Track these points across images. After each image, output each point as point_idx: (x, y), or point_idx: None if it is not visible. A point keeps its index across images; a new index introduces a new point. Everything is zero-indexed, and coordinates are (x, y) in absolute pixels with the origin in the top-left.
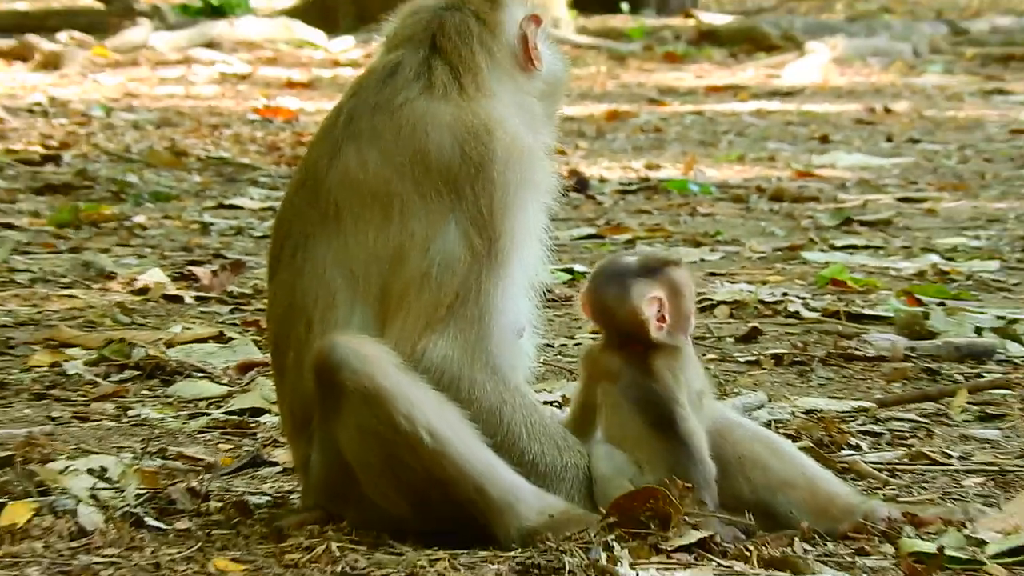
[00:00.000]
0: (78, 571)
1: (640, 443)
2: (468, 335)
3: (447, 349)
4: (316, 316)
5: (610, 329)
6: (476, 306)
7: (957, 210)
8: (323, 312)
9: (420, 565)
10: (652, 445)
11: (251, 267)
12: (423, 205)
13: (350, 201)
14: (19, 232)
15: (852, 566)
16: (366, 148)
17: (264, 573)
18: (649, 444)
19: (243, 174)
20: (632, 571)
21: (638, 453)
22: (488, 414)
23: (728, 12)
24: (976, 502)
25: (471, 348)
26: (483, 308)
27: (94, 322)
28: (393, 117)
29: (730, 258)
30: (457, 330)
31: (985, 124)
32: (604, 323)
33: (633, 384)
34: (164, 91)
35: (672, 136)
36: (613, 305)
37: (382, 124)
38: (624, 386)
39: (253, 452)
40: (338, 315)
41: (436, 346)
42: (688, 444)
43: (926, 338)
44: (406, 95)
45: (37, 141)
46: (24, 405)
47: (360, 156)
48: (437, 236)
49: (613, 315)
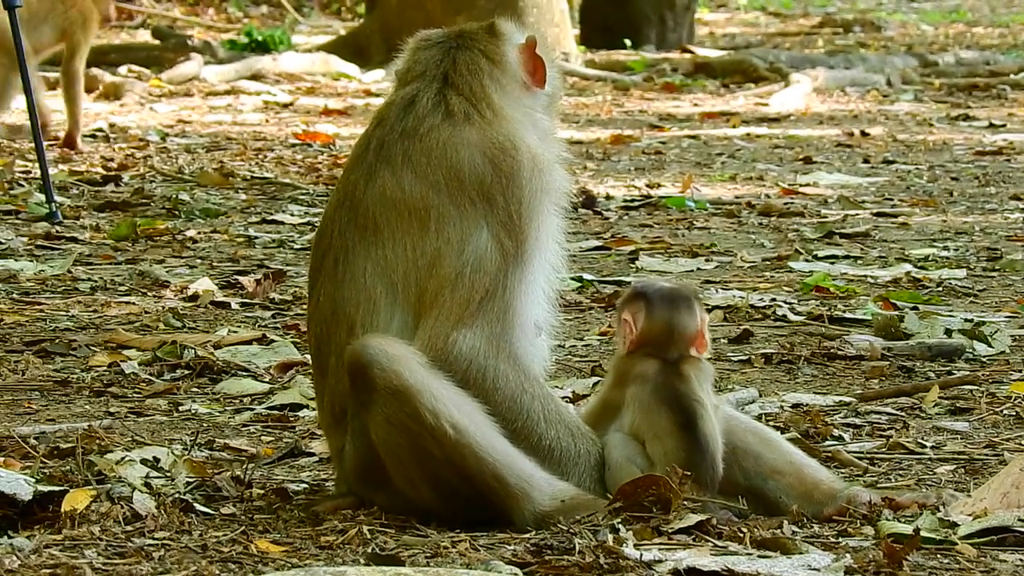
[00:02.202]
0: (132, 552)
1: (662, 438)
2: (495, 328)
3: (475, 341)
4: (358, 321)
5: (664, 346)
6: (503, 302)
7: (928, 224)
8: (364, 317)
9: (443, 546)
10: (673, 441)
11: (291, 276)
12: (458, 214)
13: (388, 217)
14: (82, 245)
15: (836, 546)
16: (400, 170)
17: (302, 554)
18: (671, 440)
19: (284, 193)
20: (636, 551)
21: (658, 447)
22: (510, 401)
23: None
24: (948, 488)
25: (496, 340)
26: (508, 304)
27: (149, 326)
28: (422, 142)
29: (724, 267)
30: (485, 323)
31: (952, 147)
32: (663, 341)
33: (665, 386)
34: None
35: (671, 158)
36: (685, 326)
37: (412, 148)
38: (656, 387)
39: (292, 443)
40: (379, 320)
41: (465, 338)
42: (704, 445)
43: (901, 339)
44: (430, 122)
45: (99, 163)
46: (85, 401)
47: (395, 177)
48: (470, 240)
49: (681, 335)
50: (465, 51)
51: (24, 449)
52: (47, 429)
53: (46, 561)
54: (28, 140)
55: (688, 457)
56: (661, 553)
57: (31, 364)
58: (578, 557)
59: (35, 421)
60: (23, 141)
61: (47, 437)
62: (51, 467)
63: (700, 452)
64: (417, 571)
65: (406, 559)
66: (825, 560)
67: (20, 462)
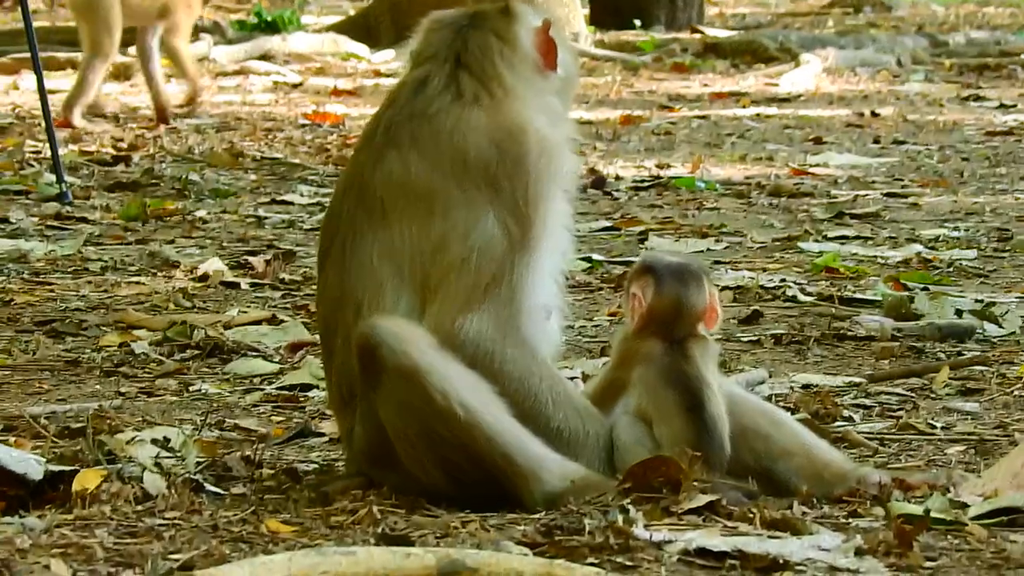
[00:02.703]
0: (143, 532)
1: (668, 420)
2: (502, 313)
3: (482, 325)
4: (365, 303)
5: (673, 322)
6: (510, 287)
7: (938, 204)
8: (371, 299)
9: (453, 526)
10: (679, 423)
11: (301, 257)
12: (463, 199)
13: (395, 200)
14: (92, 225)
15: (846, 527)
16: (407, 152)
17: (312, 534)
18: (677, 421)
19: (294, 173)
20: (646, 532)
21: (664, 428)
22: (518, 384)
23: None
24: (958, 468)
25: (504, 324)
26: (516, 288)
27: (159, 306)
28: (430, 123)
29: (733, 248)
30: (492, 308)
31: (963, 127)
32: (672, 317)
33: (671, 367)
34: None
35: (681, 138)
36: (694, 302)
37: (420, 130)
38: (662, 368)
39: (302, 424)
40: (385, 302)
41: (472, 322)
42: (711, 426)
43: (911, 320)
44: (439, 104)
45: (109, 144)
46: (95, 381)
47: (402, 160)
48: (476, 225)
49: (690, 310)
50: (477, 31)
51: (35, 429)
52: (58, 409)
53: (57, 541)
54: (106, 120)
55: (695, 439)
56: (671, 534)
57: (42, 344)
58: (588, 537)
59: (46, 401)
60: (102, 121)
61: (58, 417)
62: (62, 447)
63: (708, 434)
64: (427, 551)
65: (416, 539)
66: (835, 541)
67: (31, 442)
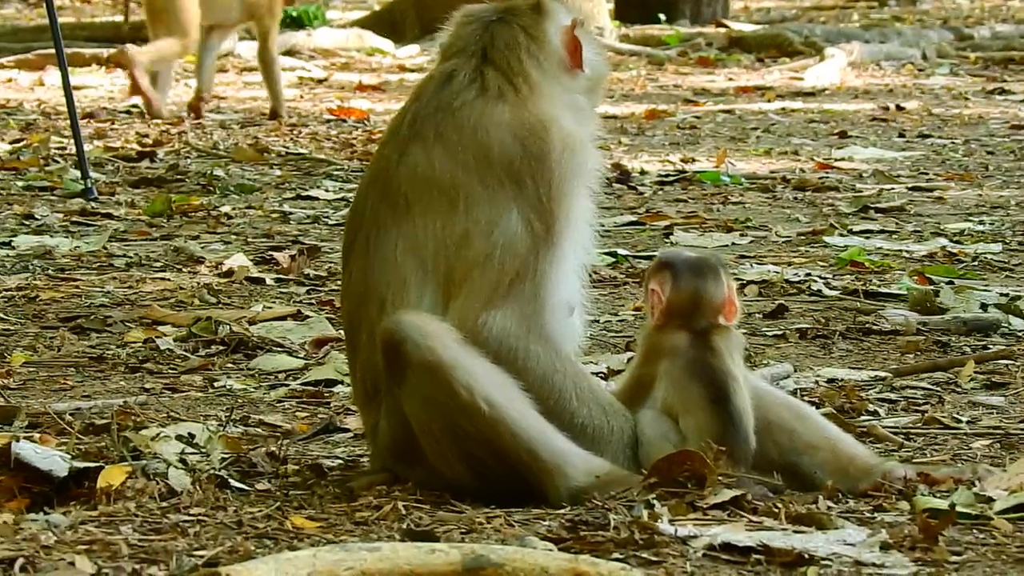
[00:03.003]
0: (168, 528)
1: (694, 412)
2: (525, 309)
3: (506, 322)
4: (388, 298)
5: (692, 315)
6: (533, 283)
7: (963, 198)
8: (395, 295)
9: (478, 522)
10: (705, 416)
11: (326, 252)
12: (487, 195)
13: (419, 194)
14: (117, 221)
15: (871, 521)
16: (431, 147)
17: (337, 529)
18: (702, 414)
19: (319, 168)
20: (671, 527)
21: (690, 421)
22: (541, 380)
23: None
24: (984, 463)
25: (527, 321)
26: (539, 285)
27: (184, 302)
28: (454, 117)
29: (758, 242)
30: (516, 305)
31: (988, 121)
32: (691, 310)
33: (697, 360)
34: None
35: (706, 132)
36: (712, 294)
37: (444, 124)
38: (687, 361)
39: (327, 419)
40: (409, 297)
41: (496, 319)
42: (737, 419)
43: (936, 314)
44: (463, 98)
45: (134, 139)
46: (120, 377)
47: (426, 154)
48: (500, 222)
49: (709, 303)
50: (505, 26)
51: (60, 425)
52: (83, 405)
53: (82, 537)
54: (187, 115)
55: (721, 431)
56: (696, 529)
57: (67, 340)
58: (613, 533)
59: (71, 397)
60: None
61: (83, 413)
62: (87, 443)
63: (733, 426)
64: (452, 546)
65: (441, 535)
66: (860, 535)
67: (56, 438)
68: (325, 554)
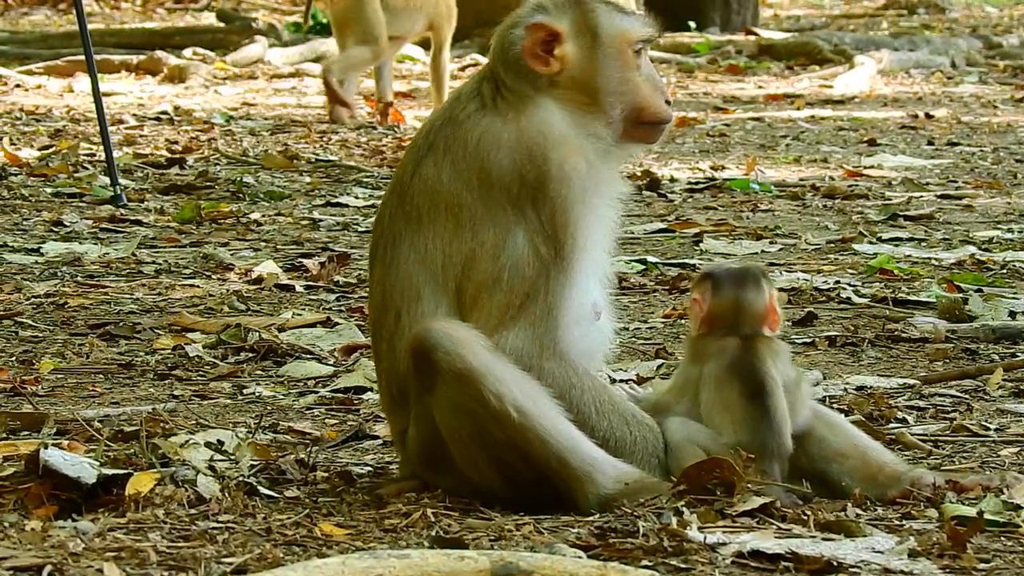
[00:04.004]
0: (196, 535)
1: (732, 408)
2: (537, 329)
3: (518, 342)
4: (404, 308)
5: (734, 323)
6: (545, 303)
7: (992, 206)
8: (409, 305)
9: (508, 529)
10: (742, 412)
11: (355, 259)
12: (490, 217)
13: (428, 208)
14: (146, 228)
15: (900, 528)
16: (441, 159)
17: (366, 537)
18: (739, 410)
19: (349, 175)
20: (700, 534)
21: (727, 417)
22: (559, 398)
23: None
24: (1012, 470)
25: (540, 340)
26: (551, 305)
27: (213, 309)
28: (459, 129)
29: (788, 250)
30: (527, 324)
31: (1016, 129)
32: (732, 318)
33: (737, 361)
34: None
35: (735, 140)
36: (752, 300)
37: (451, 136)
38: (729, 363)
39: (356, 426)
40: (423, 308)
41: (508, 340)
42: (772, 416)
43: (965, 321)
44: (467, 111)
45: (164, 146)
46: (149, 384)
47: (436, 166)
48: (506, 245)
49: (749, 310)
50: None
51: (88, 432)
52: (111, 412)
53: (110, 544)
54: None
55: (755, 427)
56: (725, 536)
57: (95, 347)
58: (642, 540)
59: (99, 404)
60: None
61: (111, 420)
62: (115, 450)
63: (767, 421)
64: (481, 554)
65: (470, 542)
66: (889, 543)
67: (84, 445)
68: (354, 561)
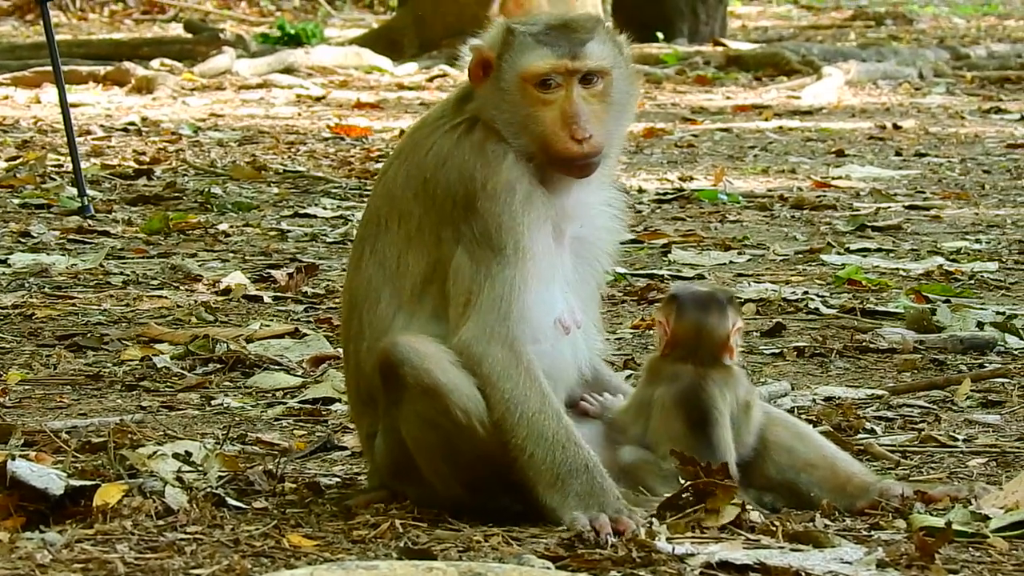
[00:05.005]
0: (164, 547)
1: (676, 438)
2: (486, 318)
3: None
4: (365, 313)
5: (694, 346)
6: (491, 296)
7: (960, 217)
8: (371, 309)
9: (476, 540)
10: (686, 441)
11: (324, 270)
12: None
13: (387, 213)
14: (114, 239)
15: (868, 539)
16: (400, 165)
17: (334, 548)
18: (683, 440)
19: (317, 186)
20: (669, 545)
21: (672, 445)
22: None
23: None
24: (980, 481)
25: (487, 327)
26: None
27: (181, 320)
28: (413, 135)
29: (756, 260)
30: (476, 317)
31: (984, 140)
32: (692, 341)
33: (688, 389)
34: (246, 112)
35: (703, 151)
36: (714, 327)
37: (413, 143)
38: (679, 390)
39: (325, 437)
40: (382, 313)
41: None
42: (716, 447)
43: (933, 332)
44: (432, 118)
45: (131, 157)
46: (117, 395)
47: (395, 172)
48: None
49: (710, 335)
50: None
51: (56, 443)
52: (79, 423)
53: (78, 556)
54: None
55: (698, 457)
56: (693, 547)
57: (63, 358)
58: (611, 551)
59: (67, 415)
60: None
61: (79, 431)
62: (83, 461)
63: (710, 452)
64: (449, 565)
65: (438, 553)
66: (857, 553)
67: (52, 456)
68: (322, 572)
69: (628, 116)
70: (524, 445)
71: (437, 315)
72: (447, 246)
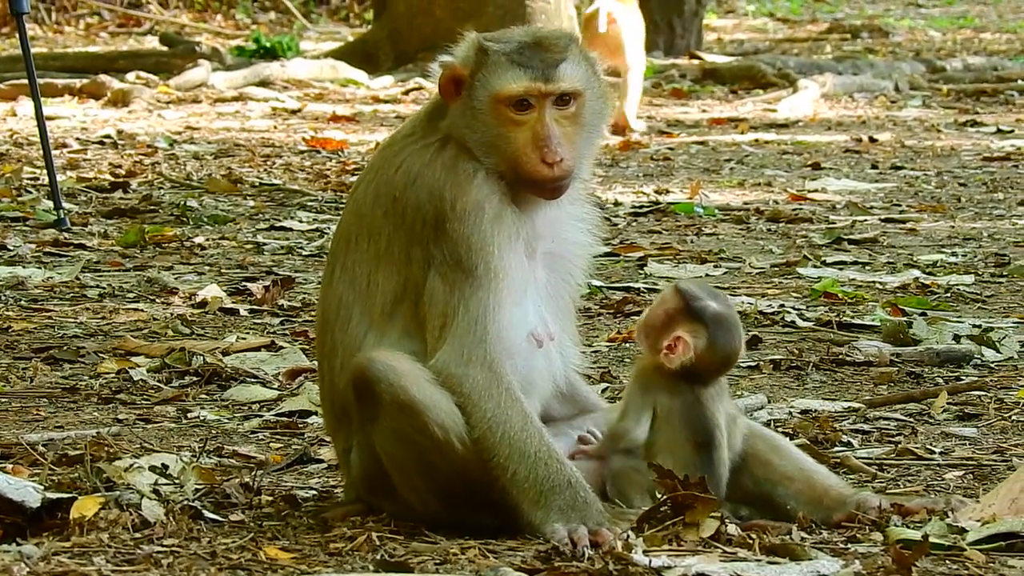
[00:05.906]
0: (141, 559)
1: (677, 452)
2: (464, 340)
3: (445, 356)
4: (337, 330)
5: (716, 372)
6: (467, 318)
7: (936, 230)
8: (342, 326)
9: (453, 553)
10: (686, 459)
11: (300, 283)
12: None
13: (356, 229)
14: (90, 252)
15: (845, 552)
16: (370, 182)
17: (311, 560)
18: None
19: (293, 199)
20: (646, 558)
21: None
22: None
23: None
24: (956, 493)
25: (465, 349)
26: (473, 318)
27: (157, 333)
28: (383, 152)
29: (732, 273)
30: (453, 339)
31: (960, 152)
32: (718, 369)
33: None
34: (222, 125)
35: (679, 164)
36: (740, 357)
37: (380, 161)
38: (682, 406)
39: (301, 450)
40: (353, 332)
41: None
42: (715, 467)
43: (910, 345)
44: (403, 133)
45: (107, 170)
46: (93, 408)
47: (365, 189)
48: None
49: (734, 364)
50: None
51: (32, 456)
52: (55, 436)
53: (54, 568)
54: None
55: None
56: (670, 559)
57: (39, 371)
58: (587, 563)
59: (43, 428)
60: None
61: (55, 444)
62: (59, 474)
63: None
64: None
65: (415, 566)
66: (834, 566)
67: (28, 469)
68: None
69: (599, 135)
70: (506, 464)
71: (408, 333)
72: (417, 265)
